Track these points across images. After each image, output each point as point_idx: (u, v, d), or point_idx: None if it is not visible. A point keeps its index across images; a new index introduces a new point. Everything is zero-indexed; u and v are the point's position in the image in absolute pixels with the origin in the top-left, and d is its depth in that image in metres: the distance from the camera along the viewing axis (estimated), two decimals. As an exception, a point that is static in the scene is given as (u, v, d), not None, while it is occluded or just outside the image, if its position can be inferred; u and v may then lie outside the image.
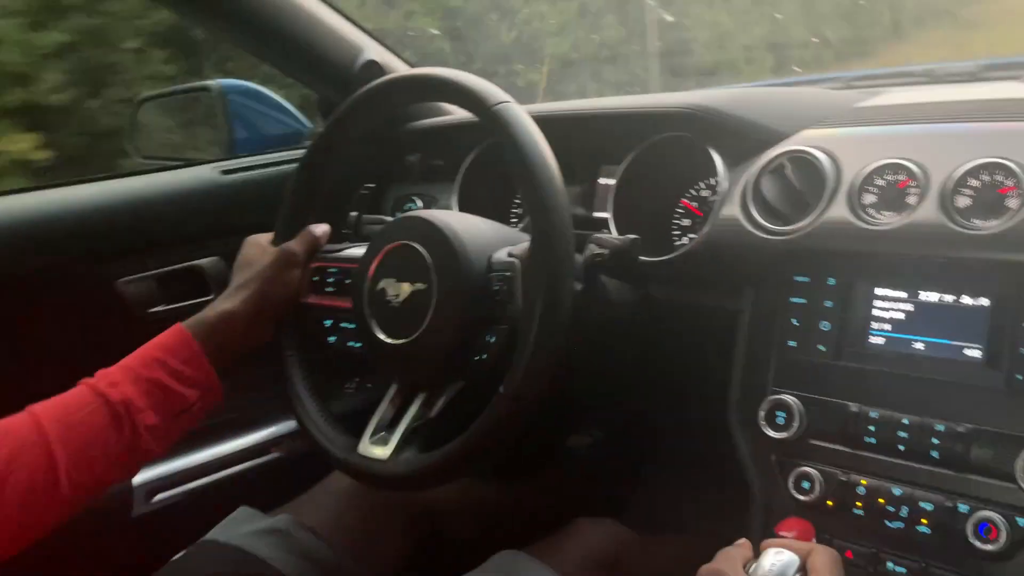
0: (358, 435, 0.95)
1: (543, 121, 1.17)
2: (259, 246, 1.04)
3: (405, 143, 1.39)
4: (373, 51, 1.31)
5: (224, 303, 0.96)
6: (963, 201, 0.84)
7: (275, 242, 1.04)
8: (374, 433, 0.94)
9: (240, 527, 1.02)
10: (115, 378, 0.86)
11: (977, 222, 0.82)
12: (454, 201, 1.29)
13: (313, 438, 0.99)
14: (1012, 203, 0.80)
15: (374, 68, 1.27)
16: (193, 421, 0.92)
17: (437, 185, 1.36)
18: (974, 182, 0.83)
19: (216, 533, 1.02)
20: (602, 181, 1.26)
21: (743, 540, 0.74)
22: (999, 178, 0.82)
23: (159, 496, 1.22)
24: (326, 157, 1.05)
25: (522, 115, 0.87)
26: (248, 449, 1.30)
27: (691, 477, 1.40)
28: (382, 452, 0.91)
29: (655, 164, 1.13)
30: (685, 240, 1.15)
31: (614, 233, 1.12)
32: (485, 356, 0.89)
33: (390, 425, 0.94)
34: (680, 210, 1.17)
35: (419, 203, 1.37)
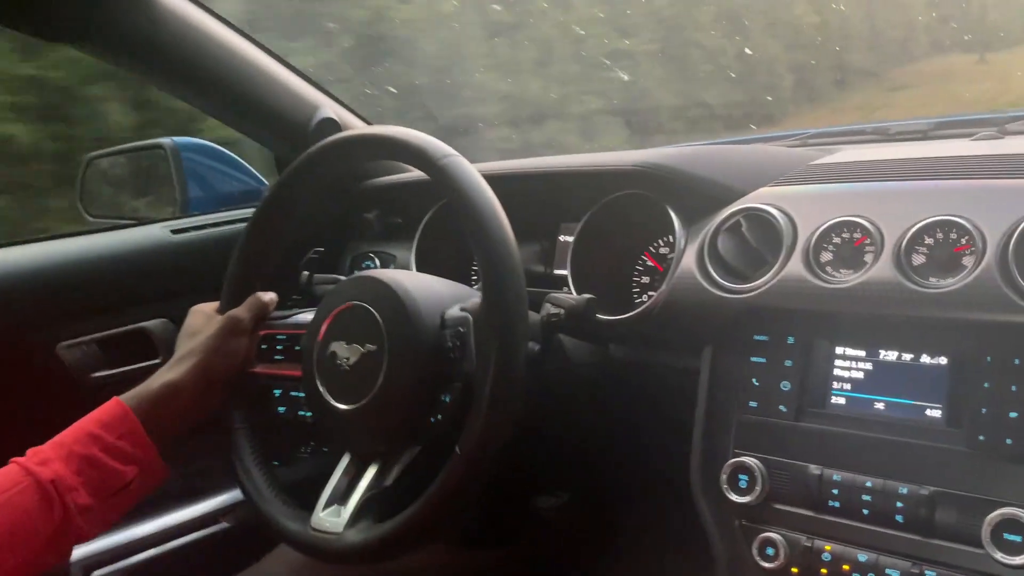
0: (311, 506, 0.91)
1: (500, 178, 1.17)
2: (204, 314, 1.01)
3: (363, 200, 1.37)
4: (329, 109, 1.30)
5: (167, 374, 0.92)
6: (918, 259, 0.83)
7: (221, 309, 1.01)
8: (327, 505, 0.90)
9: None
10: (46, 455, 0.82)
11: (933, 280, 0.81)
12: (412, 260, 1.27)
13: (262, 513, 0.94)
14: (967, 261, 0.80)
15: (330, 125, 1.26)
16: (132, 500, 0.87)
17: (395, 243, 1.34)
18: (929, 240, 0.83)
19: None
20: (562, 239, 1.25)
21: None
22: (953, 236, 0.82)
23: (97, 573, 1.15)
24: (275, 217, 1.02)
25: (469, 170, 0.85)
26: (194, 520, 1.24)
27: (657, 543, 1.37)
28: (335, 525, 0.86)
29: (614, 221, 1.12)
30: (645, 298, 1.14)
31: (572, 291, 1.10)
32: (440, 417, 0.85)
33: (344, 496, 0.90)
34: (640, 267, 1.16)
35: (376, 262, 1.35)
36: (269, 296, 1.02)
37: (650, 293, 1.10)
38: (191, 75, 1.19)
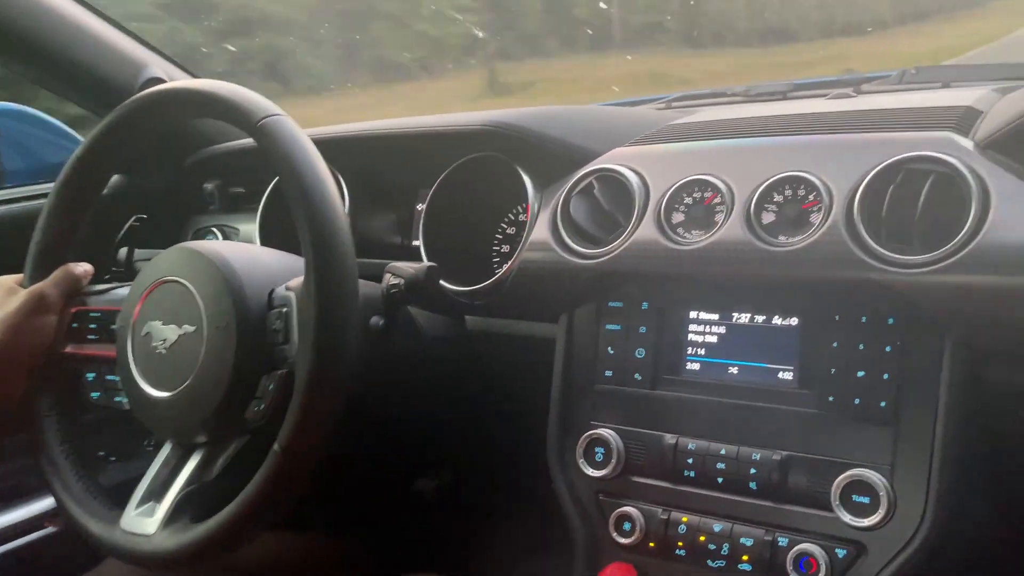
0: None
1: (348, 141, 1.08)
2: (6, 288, 0.89)
3: (201, 169, 1.26)
4: (158, 67, 1.18)
5: None
6: (768, 217, 0.80)
7: (25, 284, 0.90)
8: (141, 502, 0.80)
9: None
10: None
11: (783, 238, 0.78)
12: (256, 233, 1.17)
13: (68, 513, 0.84)
14: (814, 218, 0.77)
15: (157, 84, 1.14)
16: None
17: (238, 215, 1.24)
18: (778, 197, 0.80)
19: None
20: (420, 207, 1.18)
21: None
22: (801, 192, 0.79)
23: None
24: (86, 181, 0.91)
25: (292, 130, 0.76)
26: (15, 525, 1.12)
27: (535, 518, 1.33)
28: (148, 525, 0.77)
29: (469, 187, 1.05)
30: (503, 268, 1.08)
31: (425, 262, 1.03)
32: (263, 406, 0.77)
33: (161, 492, 0.80)
34: (499, 236, 1.10)
35: (219, 236, 1.25)
36: (82, 268, 0.91)
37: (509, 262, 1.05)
38: None
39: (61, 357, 0.90)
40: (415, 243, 1.17)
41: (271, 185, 1.17)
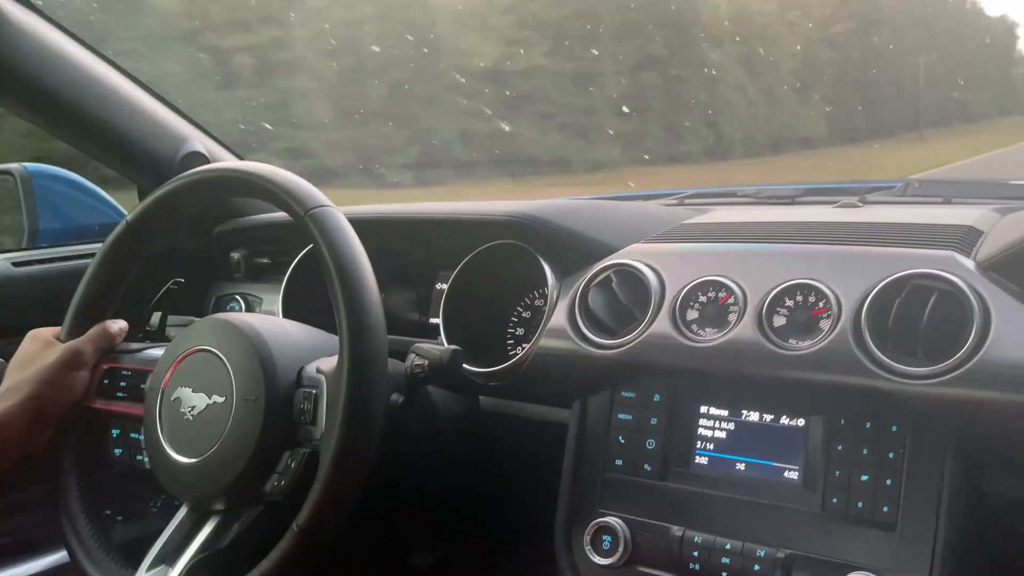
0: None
1: (376, 224, 1.13)
2: (42, 341, 0.92)
3: (228, 238, 1.30)
4: (199, 142, 1.24)
5: None
6: (779, 320, 0.84)
7: (62, 337, 0.93)
8: (154, 565, 0.82)
9: None
10: None
11: (793, 342, 0.82)
12: (278, 304, 1.21)
13: (81, 566, 0.86)
14: (824, 324, 0.81)
15: (197, 159, 1.20)
16: None
17: (262, 285, 1.28)
18: (789, 302, 0.84)
19: None
20: (439, 287, 1.22)
21: None
22: (812, 299, 0.83)
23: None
24: (130, 249, 0.95)
25: (339, 222, 0.81)
26: (23, 581, 1.13)
27: None
28: None
29: (489, 271, 1.10)
30: (519, 350, 1.12)
31: (444, 341, 1.07)
32: (284, 482, 0.79)
33: (174, 555, 0.82)
34: (515, 319, 1.14)
35: (242, 304, 1.28)
36: (118, 326, 0.95)
37: (523, 345, 1.08)
38: (44, 99, 1.11)
39: (89, 412, 0.92)
40: (432, 320, 1.21)
41: (296, 259, 1.22)
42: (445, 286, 1.17)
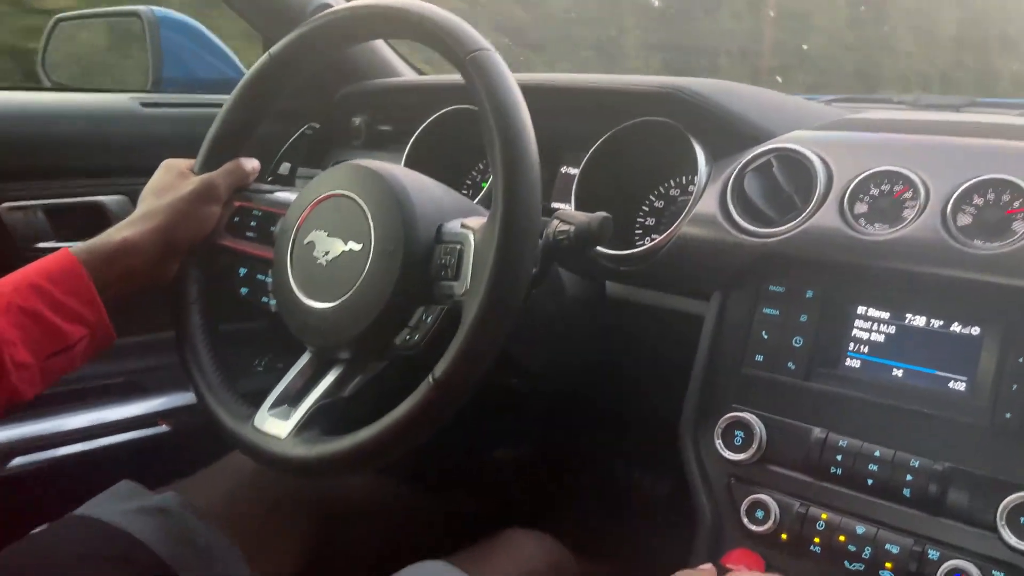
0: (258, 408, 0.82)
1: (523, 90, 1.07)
2: (178, 171, 0.91)
3: (348, 104, 1.26)
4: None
5: (126, 230, 0.83)
6: (964, 219, 0.77)
7: (196, 170, 0.91)
8: (275, 405, 0.81)
9: (119, 503, 0.87)
10: None
11: (978, 242, 0.75)
12: (401, 170, 1.17)
13: (203, 399, 0.86)
14: (1019, 226, 0.74)
15: (326, 9, 1.15)
16: (74, 363, 0.79)
17: (381, 154, 1.24)
18: (978, 200, 0.77)
19: (88, 508, 0.86)
20: (564, 170, 1.16)
21: (708, 565, 0.64)
22: (1006, 198, 0.75)
23: (18, 461, 1.05)
24: (271, 81, 0.92)
25: (503, 67, 0.75)
26: (132, 419, 1.15)
27: (635, 497, 1.31)
28: (280, 428, 0.78)
29: (626, 154, 1.03)
30: (647, 241, 1.06)
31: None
32: (416, 337, 0.77)
33: (296, 398, 0.81)
34: (646, 208, 1.08)
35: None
36: (252, 164, 0.93)
37: (652, 237, 1.03)
38: None
39: (219, 248, 0.91)
40: (555, 205, 1.16)
41: (422, 126, 1.17)
42: (572, 169, 1.11)
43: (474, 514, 1.27)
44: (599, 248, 0.97)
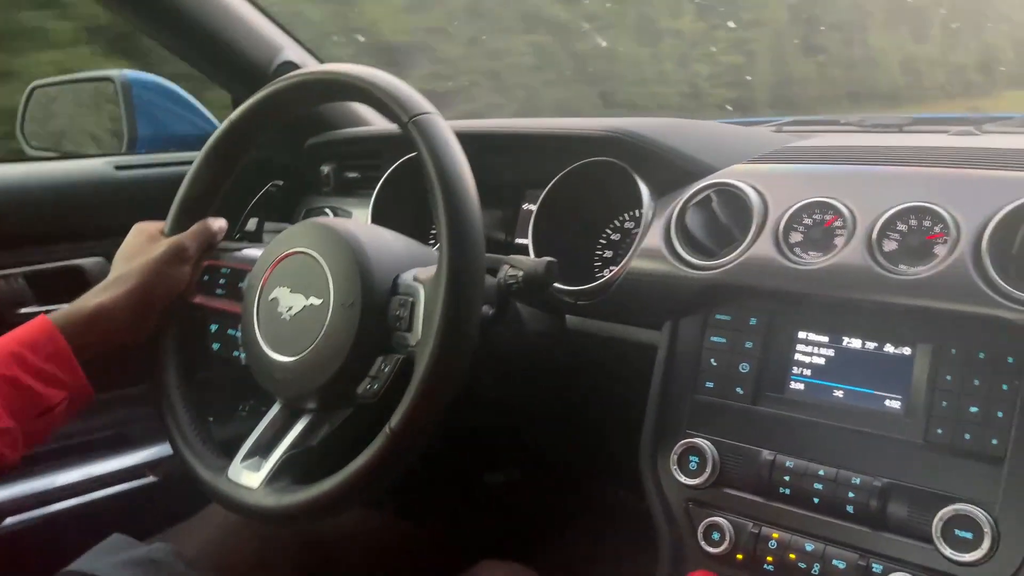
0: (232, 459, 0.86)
1: (466, 139, 1.12)
2: (149, 235, 0.95)
3: (318, 152, 1.31)
4: (292, 52, 1.24)
5: (100, 295, 0.87)
6: (890, 245, 0.80)
7: (166, 232, 0.96)
8: (247, 456, 0.85)
9: (110, 556, 0.90)
10: None
11: (903, 267, 0.79)
12: (368, 217, 1.22)
13: (180, 454, 0.89)
14: (939, 250, 0.77)
15: (291, 69, 1.19)
16: (56, 424, 0.83)
17: (351, 199, 1.29)
18: (902, 226, 0.81)
19: (81, 563, 0.90)
20: (526, 207, 1.21)
21: None
22: (927, 223, 0.79)
23: (11, 520, 1.08)
24: (233, 146, 0.96)
25: (444, 129, 0.80)
26: (119, 472, 1.18)
27: (602, 521, 1.34)
28: (252, 479, 0.82)
29: (580, 191, 1.08)
30: (606, 272, 1.10)
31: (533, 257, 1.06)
32: (376, 386, 0.81)
33: (267, 449, 0.85)
34: (603, 241, 1.12)
35: (331, 217, 1.30)
36: (219, 223, 0.97)
37: (611, 268, 1.07)
38: (147, 3, 1.12)
39: (191, 306, 0.95)
40: (519, 240, 1.20)
41: (387, 173, 1.22)
42: (533, 206, 1.15)
43: (461, 545, 1.30)
44: (556, 284, 1.01)
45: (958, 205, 0.78)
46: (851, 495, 0.78)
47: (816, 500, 0.80)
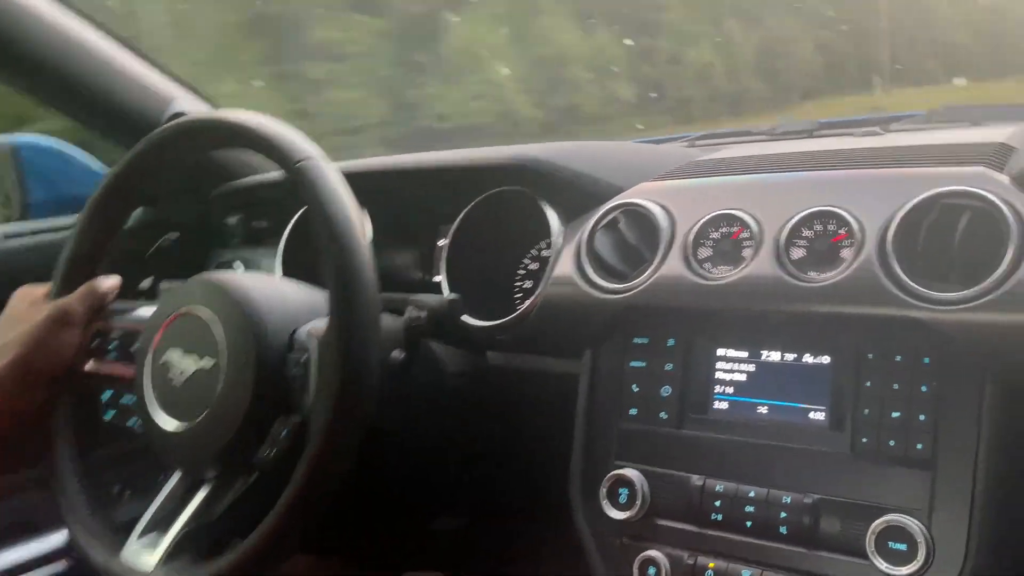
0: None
1: (372, 176, 1.08)
2: (31, 300, 0.89)
3: (224, 203, 1.26)
4: (185, 102, 1.19)
5: None
6: (797, 253, 0.79)
7: (51, 295, 0.89)
8: (146, 531, 0.79)
9: None
10: None
11: (812, 274, 0.77)
12: (277, 267, 1.17)
13: (73, 536, 0.83)
14: (846, 253, 0.76)
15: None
16: None
17: (261, 249, 1.24)
18: (807, 232, 0.79)
19: None
20: (441, 243, 1.17)
21: None
22: (831, 227, 0.78)
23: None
24: (116, 200, 0.91)
25: (328, 174, 0.75)
26: (25, 562, 1.10)
27: (549, 563, 1.29)
28: (148, 559, 0.76)
29: (492, 223, 1.05)
30: (527, 304, 1.07)
31: (447, 294, 1.02)
32: (274, 451, 0.75)
33: (165, 523, 0.79)
34: (522, 271, 1.09)
35: (242, 269, 1.25)
36: (109, 283, 0.90)
37: (532, 298, 1.04)
38: (24, 62, 1.07)
39: (81, 375, 0.89)
40: (436, 278, 1.17)
41: (294, 219, 1.17)
42: (447, 241, 1.12)
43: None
44: (471, 320, 0.98)
45: (861, 206, 0.77)
46: (783, 515, 0.75)
47: (748, 524, 0.76)
